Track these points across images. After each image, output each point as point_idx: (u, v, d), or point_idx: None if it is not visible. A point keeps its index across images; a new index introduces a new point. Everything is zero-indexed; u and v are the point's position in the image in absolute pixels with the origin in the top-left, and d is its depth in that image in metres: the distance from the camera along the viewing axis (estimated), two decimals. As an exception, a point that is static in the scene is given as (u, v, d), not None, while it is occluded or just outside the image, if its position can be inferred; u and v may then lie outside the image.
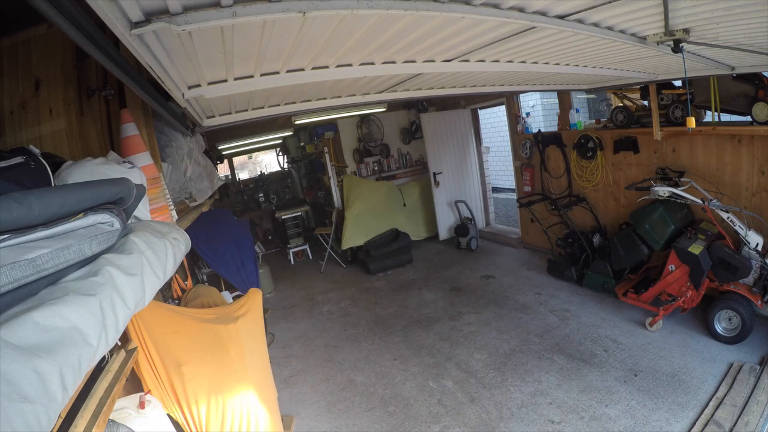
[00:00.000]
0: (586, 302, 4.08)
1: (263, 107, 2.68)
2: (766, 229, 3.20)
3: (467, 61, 2.00)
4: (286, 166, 9.24)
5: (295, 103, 2.73)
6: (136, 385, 1.63)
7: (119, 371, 1.25)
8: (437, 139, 6.45)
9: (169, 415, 1.62)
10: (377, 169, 6.91)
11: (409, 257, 6.02)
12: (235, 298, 2.68)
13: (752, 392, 2.54)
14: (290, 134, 7.73)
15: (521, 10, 1.35)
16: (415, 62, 1.90)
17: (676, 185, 3.58)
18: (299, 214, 7.16)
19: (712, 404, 2.54)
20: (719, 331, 3.14)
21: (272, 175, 9.61)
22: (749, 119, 3.24)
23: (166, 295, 2.15)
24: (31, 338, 0.50)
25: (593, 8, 1.42)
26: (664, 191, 3.43)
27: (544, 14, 1.43)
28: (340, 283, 5.73)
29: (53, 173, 1.01)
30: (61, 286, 0.63)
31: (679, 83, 3.61)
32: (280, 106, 2.73)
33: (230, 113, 2.62)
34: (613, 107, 4.68)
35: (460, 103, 6.56)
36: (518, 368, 3.21)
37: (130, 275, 0.75)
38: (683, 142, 3.79)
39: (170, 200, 1.67)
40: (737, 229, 3.14)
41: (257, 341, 2.11)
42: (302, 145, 7.67)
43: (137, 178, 1.24)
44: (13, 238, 0.58)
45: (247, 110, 2.65)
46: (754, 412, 2.40)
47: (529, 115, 6.63)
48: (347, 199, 6.16)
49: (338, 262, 6.40)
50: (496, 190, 8.97)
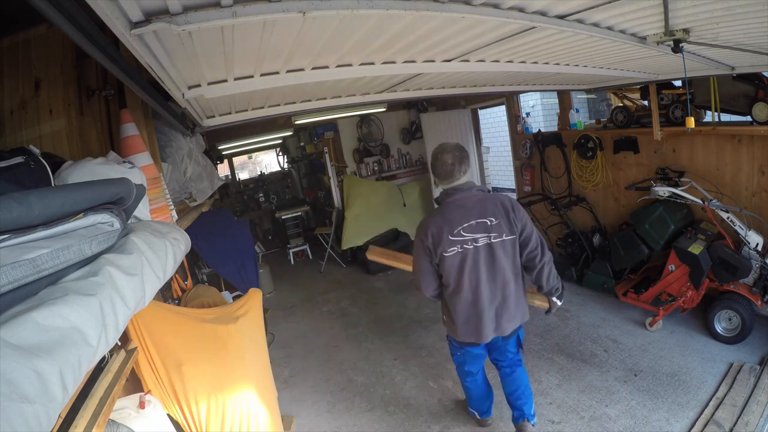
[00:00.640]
0: (586, 302, 4.07)
1: (263, 107, 2.68)
2: (766, 229, 3.19)
3: (467, 61, 2.00)
4: (286, 166, 9.23)
5: (295, 103, 2.73)
6: (136, 385, 1.62)
7: (119, 371, 1.25)
8: (437, 139, 6.42)
9: (169, 415, 1.62)
10: (377, 169, 6.90)
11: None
12: (235, 298, 2.68)
13: (752, 392, 2.54)
14: (290, 134, 7.71)
15: (521, 10, 1.35)
16: (415, 62, 1.90)
17: (676, 185, 3.58)
18: (299, 214, 7.15)
19: (712, 404, 2.53)
20: (719, 331, 3.14)
21: (272, 175, 9.60)
22: (749, 119, 3.24)
23: (166, 295, 2.14)
24: (31, 338, 0.50)
25: (593, 8, 1.42)
26: (664, 191, 3.43)
27: (544, 14, 1.43)
28: (340, 283, 5.73)
29: (53, 173, 1.01)
30: (61, 286, 0.63)
31: (679, 83, 3.61)
32: (280, 106, 2.73)
33: (230, 113, 2.62)
34: (613, 107, 4.68)
35: (460, 103, 6.56)
36: (518, 368, 3.20)
37: (130, 275, 0.75)
38: (683, 142, 3.79)
39: (170, 200, 1.67)
40: (737, 229, 3.14)
41: (257, 341, 2.11)
42: (302, 145, 7.66)
43: (137, 178, 1.24)
44: (13, 238, 0.58)
45: (247, 110, 2.65)
46: (754, 412, 2.40)
47: (529, 115, 6.63)
48: (347, 199, 6.15)
49: (338, 262, 6.40)
50: (496, 190, 8.97)
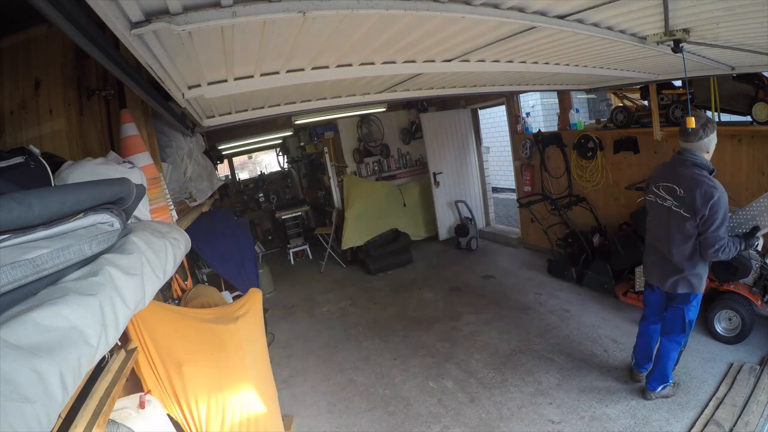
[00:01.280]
0: (586, 302, 4.07)
1: (263, 107, 2.68)
2: (766, 229, 3.19)
3: (467, 61, 2.00)
4: (286, 166, 9.23)
5: (295, 103, 2.73)
6: (136, 385, 1.62)
7: (119, 371, 1.25)
8: (437, 139, 6.45)
9: (169, 415, 1.62)
10: (377, 169, 6.90)
11: (409, 257, 6.02)
12: (235, 298, 2.67)
13: (752, 392, 2.55)
14: (290, 134, 7.72)
15: (521, 10, 1.35)
16: (415, 62, 1.90)
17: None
18: (299, 214, 7.15)
19: (712, 404, 2.54)
20: (719, 331, 3.14)
21: (272, 175, 9.60)
22: (749, 119, 3.24)
23: (166, 295, 2.14)
24: (31, 338, 0.50)
25: (593, 8, 1.42)
26: (664, 191, 3.43)
27: (544, 14, 1.43)
28: (340, 283, 5.73)
29: (53, 173, 1.01)
30: (61, 286, 0.63)
31: (679, 83, 3.61)
32: (280, 106, 2.73)
33: (230, 113, 2.62)
34: (613, 107, 4.69)
35: (460, 103, 6.56)
36: (518, 368, 3.20)
37: (130, 275, 0.75)
38: (683, 142, 3.79)
39: (170, 200, 1.67)
40: (737, 229, 3.13)
41: (257, 341, 2.11)
42: (302, 145, 7.66)
43: (137, 178, 1.24)
44: (13, 238, 0.58)
45: (247, 110, 2.65)
46: (754, 412, 2.40)
47: (529, 115, 6.64)
48: (347, 199, 6.15)
49: (338, 262, 6.40)
50: (496, 190, 8.97)
